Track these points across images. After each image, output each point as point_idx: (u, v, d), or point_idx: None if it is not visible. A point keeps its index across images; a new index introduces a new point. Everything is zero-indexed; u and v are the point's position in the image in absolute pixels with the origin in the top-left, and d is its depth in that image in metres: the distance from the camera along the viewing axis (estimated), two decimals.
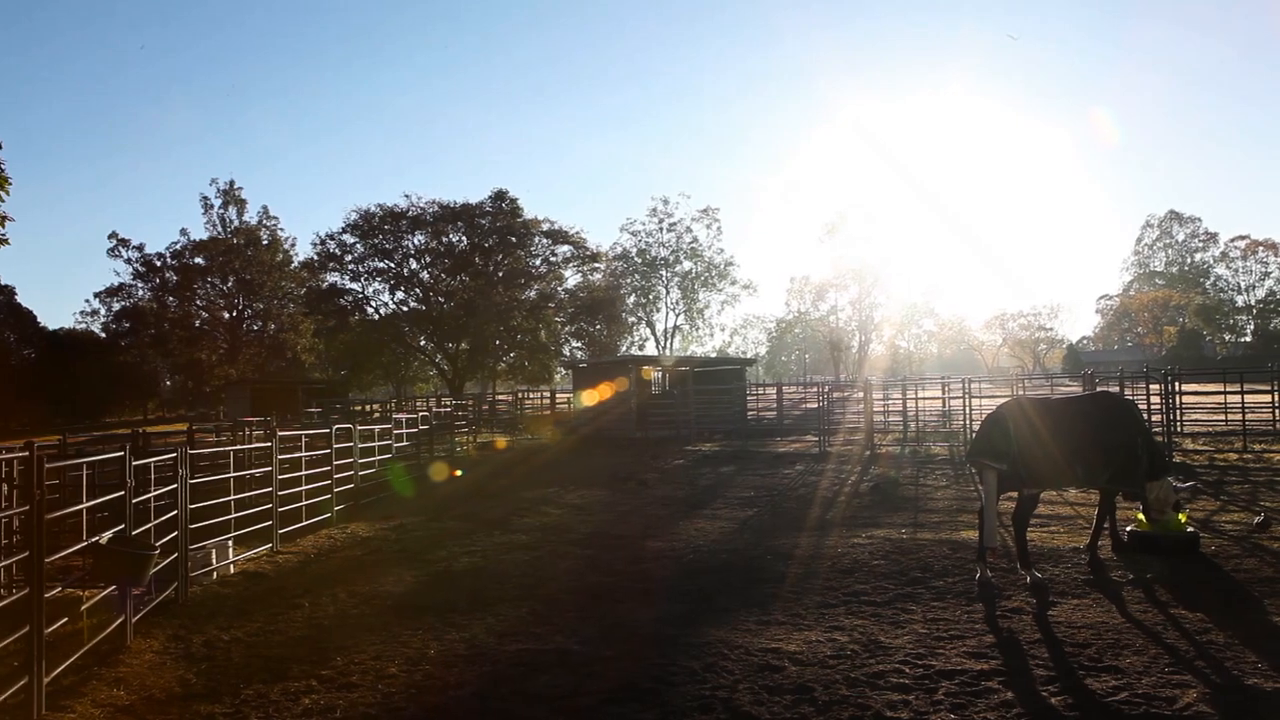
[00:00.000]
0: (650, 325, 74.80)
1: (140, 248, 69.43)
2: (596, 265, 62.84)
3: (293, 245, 73.75)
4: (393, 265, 55.09)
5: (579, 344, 60.90)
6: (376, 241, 54.26)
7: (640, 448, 24.83)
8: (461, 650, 6.70)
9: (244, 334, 72.51)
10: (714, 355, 68.50)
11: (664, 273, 74.28)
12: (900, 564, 9.05)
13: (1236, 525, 10.52)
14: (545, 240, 56.94)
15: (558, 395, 45.71)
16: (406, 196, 54.78)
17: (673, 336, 74.95)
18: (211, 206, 72.34)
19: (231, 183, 72.71)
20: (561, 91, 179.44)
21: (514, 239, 55.49)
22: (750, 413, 32.67)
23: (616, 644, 6.72)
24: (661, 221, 73.81)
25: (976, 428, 9.37)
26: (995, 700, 5.28)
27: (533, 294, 57.55)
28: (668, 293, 74.79)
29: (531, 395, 50.91)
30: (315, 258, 56.15)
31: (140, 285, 70.00)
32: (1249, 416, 21.38)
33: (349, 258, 54.90)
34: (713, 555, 10.01)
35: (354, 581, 9.24)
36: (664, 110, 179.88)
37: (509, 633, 7.12)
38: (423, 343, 57.02)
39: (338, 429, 14.51)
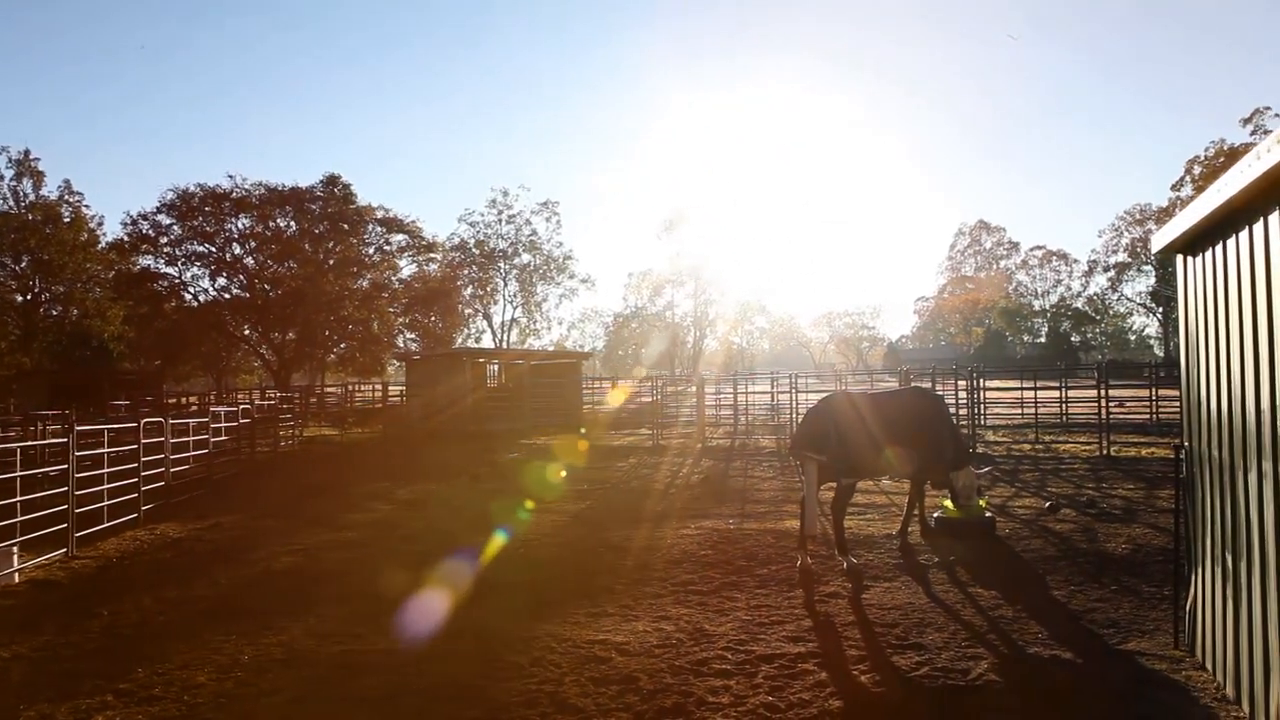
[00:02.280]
0: (487, 318, 73.96)
1: None
2: (433, 256, 61.36)
3: (100, 224, 67.86)
4: (214, 250, 51.71)
5: (413, 336, 59.33)
6: (196, 224, 50.73)
7: (474, 441, 24.48)
8: (278, 654, 6.39)
9: (41, 319, 66.25)
10: (551, 349, 68.40)
11: (502, 265, 73.58)
12: (727, 554, 9.33)
13: (1028, 510, 11.45)
14: (379, 228, 55.03)
15: (390, 388, 44.41)
16: (230, 177, 51.44)
17: (510, 329, 74.38)
18: (2, 178, 65.72)
19: (26, 153, 66.17)
20: (399, 80, 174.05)
21: (346, 226, 53.32)
22: (586, 406, 32.85)
23: (443, 642, 6.60)
24: (501, 213, 73.11)
25: (800, 421, 9.81)
26: (811, 681, 5.53)
27: (365, 283, 55.53)
28: (506, 285, 74.16)
29: (363, 388, 49.27)
30: (126, 239, 51.92)
31: None
32: (1041, 410, 23.41)
33: (164, 240, 51.07)
34: (544, 549, 9.99)
35: (161, 586, 8.64)
36: (504, 102, 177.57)
37: (330, 634, 6.85)
38: (246, 332, 53.92)
39: (147, 423, 13.55)
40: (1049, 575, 8.10)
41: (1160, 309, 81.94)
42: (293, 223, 52.63)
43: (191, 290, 52.91)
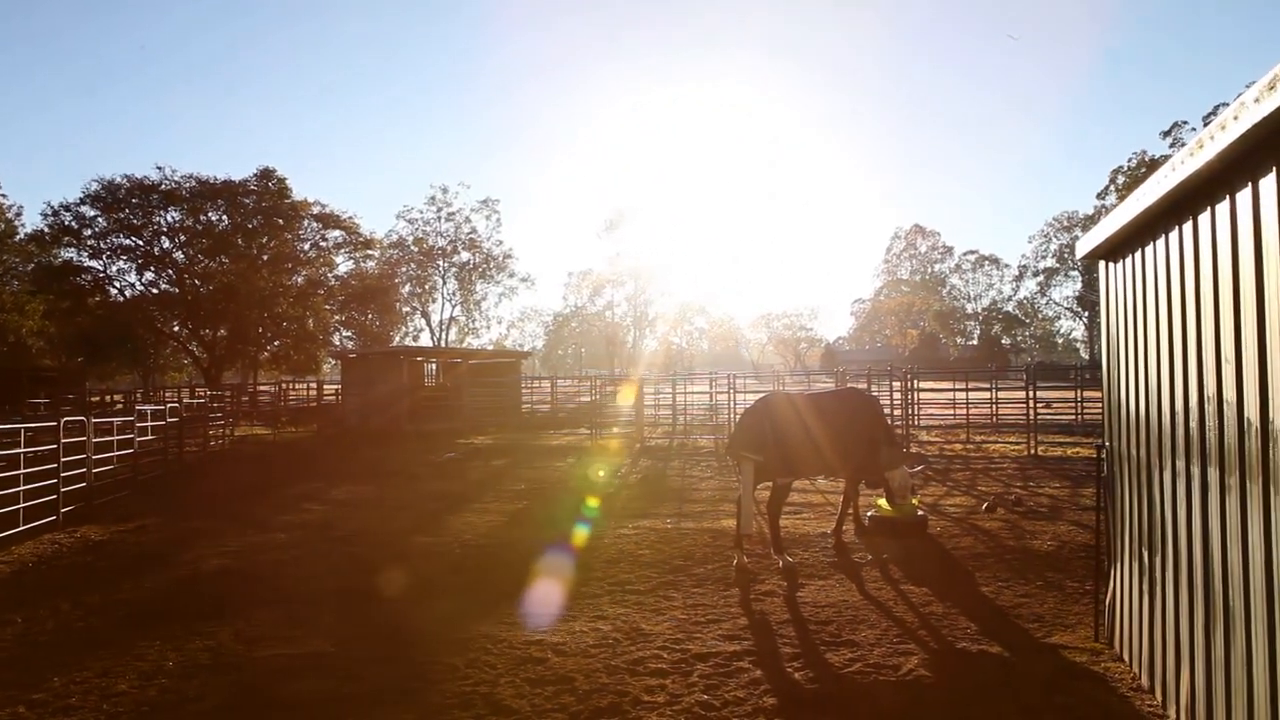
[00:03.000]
0: (426, 316, 73.02)
1: None
2: (370, 252, 60.29)
3: (18, 215, 65.32)
4: (141, 243, 50.07)
5: (349, 333, 58.32)
6: (122, 216, 49.02)
7: (411, 441, 24.18)
8: (205, 660, 6.22)
9: None
10: (490, 348, 67.86)
11: (441, 263, 72.72)
12: (664, 553, 9.37)
13: (959, 508, 11.73)
14: (315, 224, 53.91)
15: (326, 387, 43.60)
16: (159, 169, 49.77)
17: (449, 328, 73.58)
18: None
19: None
20: (338, 76, 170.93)
21: (281, 221, 52.11)
22: (525, 406, 32.68)
23: (377, 644, 6.49)
24: (440, 210, 72.24)
25: (737, 421, 9.91)
26: (745, 679, 5.58)
27: (300, 279, 54.36)
28: (445, 283, 73.31)
29: (297, 386, 48.28)
30: (46, 230, 50.04)
31: None
32: (972, 411, 23.96)
33: (88, 232, 49.28)
34: (481, 549, 9.91)
35: (81, 591, 8.35)
36: (443, 99, 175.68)
37: (261, 638, 6.70)
38: (176, 328, 52.37)
39: (67, 422, 13.08)
40: (978, 572, 8.31)
41: (1086, 313, 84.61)
42: (225, 217, 51.29)
43: (117, 285, 51.20)
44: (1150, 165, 66.26)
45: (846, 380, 27.11)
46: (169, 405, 23.37)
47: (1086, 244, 6.01)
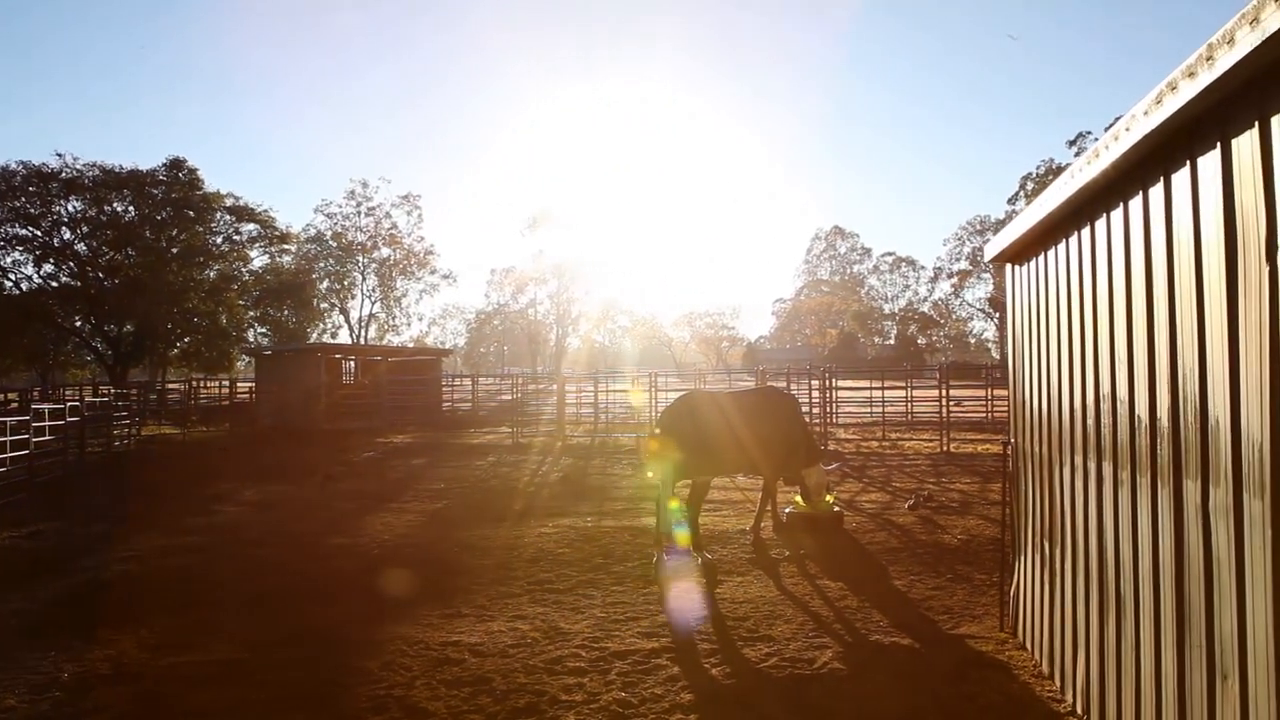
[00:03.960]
0: (345, 313, 71.46)
1: None
2: (286, 247, 58.72)
3: None
4: (39, 234, 47.81)
5: (264, 330, 56.74)
6: (17, 205, 46.67)
7: (329, 440, 23.66)
8: (105, 670, 5.97)
9: None
10: (411, 345, 66.82)
11: (361, 258, 71.30)
12: (584, 551, 9.36)
13: (874, 504, 12.00)
14: (229, 216, 52.24)
15: (239, 385, 42.30)
16: (59, 155, 47.58)
17: (368, 325, 72.18)
18: None
19: None
20: (254, 66, 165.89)
21: (192, 213, 50.32)
22: (446, 404, 32.30)
23: (289, 649, 6.33)
24: (360, 205, 70.81)
25: (657, 419, 9.97)
26: (663, 676, 5.61)
27: (213, 274, 52.62)
28: (364, 279, 71.90)
29: (209, 384, 46.72)
30: None
31: None
32: (888, 409, 24.54)
33: None
34: (399, 550, 9.76)
35: None
36: (365, 92, 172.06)
37: (165, 645, 6.46)
38: (77, 323, 50.14)
39: None
40: (892, 566, 8.52)
41: (997, 314, 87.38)
42: (131, 207, 49.28)
43: (12, 277, 48.76)
44: (1057, 173, 68.55)
45: (767, 379, 27.50)
46: (69, 404, 22.38)
47: (993, 248, 6.21)
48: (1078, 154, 69.23)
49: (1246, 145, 2.82)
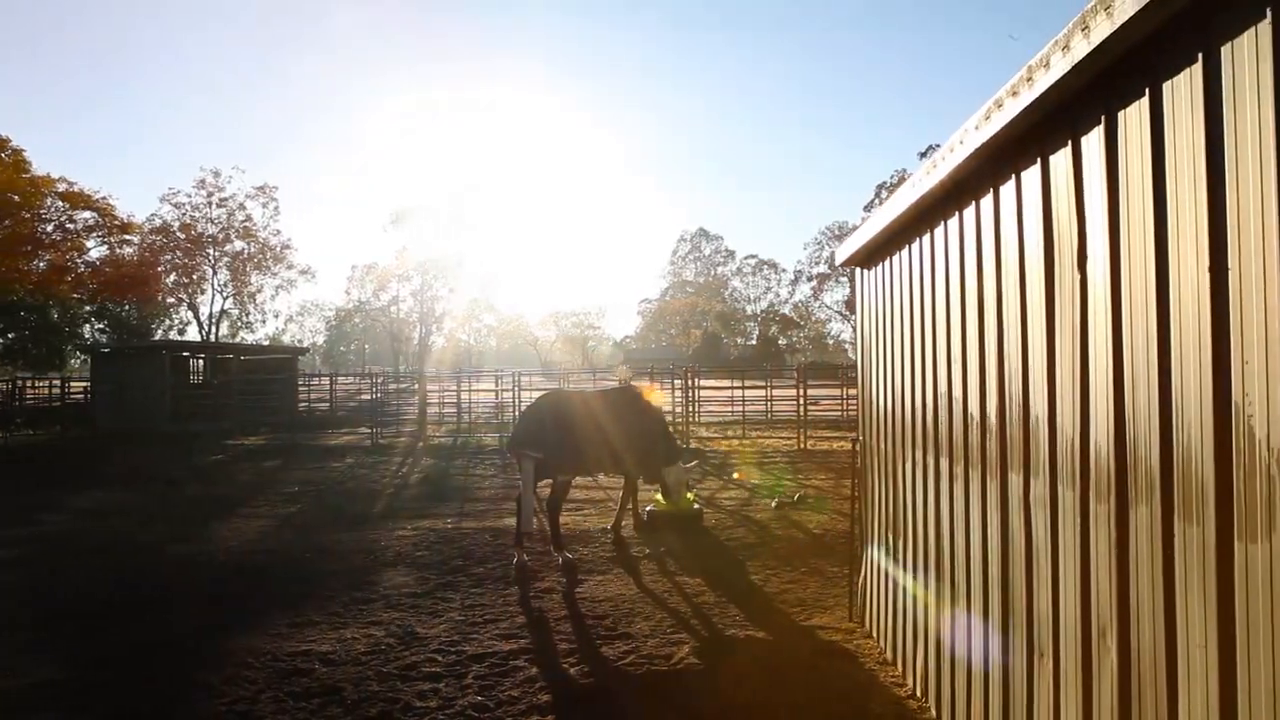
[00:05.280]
0: (193, 308, 67.62)
1: None
2: (128, 237, 55.12)
3: None
4: None
5: (102, 326, 53.12)
6: None
7: (174, 443, 22.38)
8: None
9: None
10: (266, 343, 64.02)
11: (212, 251, 67.64)
12: (443, 554, 9.19)
13: (733, 501, 12.28)
14: (61, 203, 48.63)
15: (74, 384, 39.43)
16: None
17: (220, 321, 68.60)
18: None
19: None
20: (97, 48, 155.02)
21: (17, 198, 46.53)
22: (302, 404, 31.12)
23: (120, 667, 5.93)
24: (211, 196, 67.03)
25: (518, 419, 9.91)
26: (521, 677, 5.57)
27: (42, 265, 48.81)
28: (215, 274, 68.23)
29: (38, 384, 43.37)
30: None
31: None
32: (749, 408, 25.17)
33: None
34: (247, 557, 9.32)
35: None
36: (222, 83, 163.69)
37: None
38: None
39: None
40: (749, 561, 8.73)
41: (853, 316, 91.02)
42: None
43: None
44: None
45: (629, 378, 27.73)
46: None
47: (844, 252, 6.45)
48: None
49: (1062, 162, 3.04)
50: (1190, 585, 2.31)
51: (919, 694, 4.94)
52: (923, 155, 75.79)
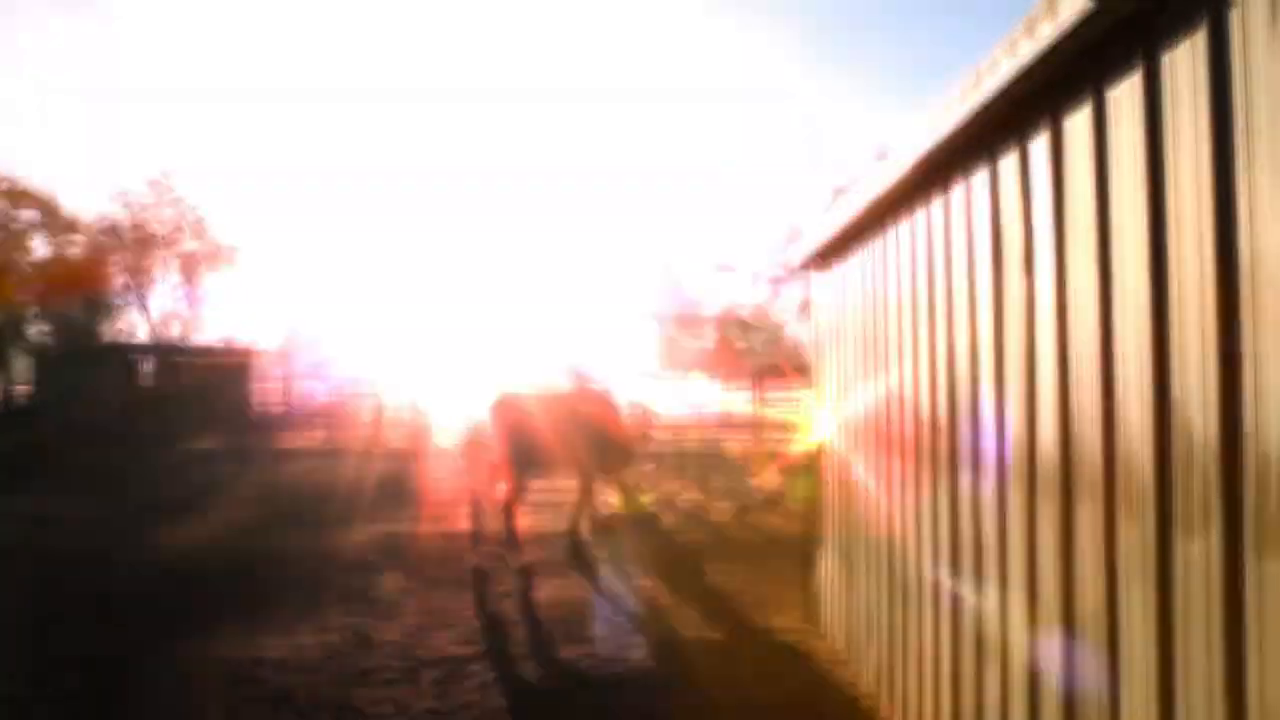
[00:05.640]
0: (145, 309, 66.18)
1: None
2: (74, 236, 53.85)
3: None
4: None
5: (48, 328, 51.80)
6: None
7: (123, 446, 21.90)
8: None
9: None
10: (219, 344, 62.83)
11: (163, 251, 66.20)
12: (400, 558, 9.10)
13: (690, 502, 12.31)
14: (3, 201, 47.44)
15: (15, 387, 38.42)
16: None
17: (171, 323, 67.17)
18: None
19: None
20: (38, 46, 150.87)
21: None
22: (258, 405, 30.65)
23: (55, 684, 5.76)
24: (163, 195, 65.75)
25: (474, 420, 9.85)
26: (477, 682, 5.53)
27: None
28: (168, 274, 66.79)
29: None
30: None
31: None
32: (704, 410, 25.28)
33: None
34: (199, 563, 9.13)
35: None
36: (176, 81, 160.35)
37: None
38: None
39: None
40: (706, 563, 8.75)
41: (808, 318, 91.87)
42: None
43: None
44: None
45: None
46: None
47: (798, 253, 6.50)
48: None
49: (1010, 167, 3.09)
50: (1131, 581, 2.36)
51: (873, 693, 4.99)
52: (882, 157, 76.75)
